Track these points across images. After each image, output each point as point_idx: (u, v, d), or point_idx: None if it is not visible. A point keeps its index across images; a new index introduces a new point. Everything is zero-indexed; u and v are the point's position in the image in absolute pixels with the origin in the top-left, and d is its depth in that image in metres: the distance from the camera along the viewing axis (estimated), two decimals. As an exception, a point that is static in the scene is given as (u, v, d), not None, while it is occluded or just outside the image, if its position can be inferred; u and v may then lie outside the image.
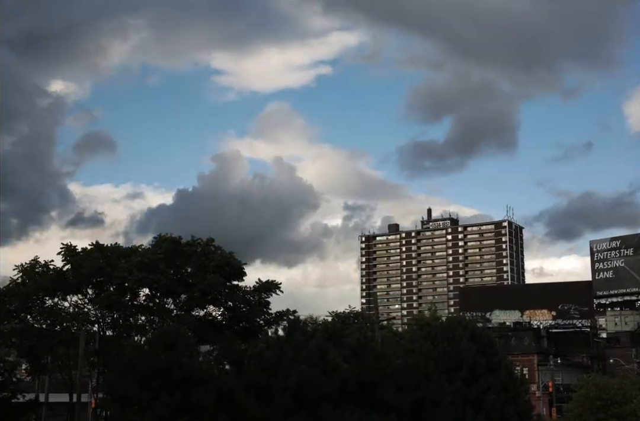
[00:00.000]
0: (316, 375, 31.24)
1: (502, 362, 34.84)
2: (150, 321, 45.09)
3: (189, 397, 29.01)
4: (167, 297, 45.33)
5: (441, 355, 34.03)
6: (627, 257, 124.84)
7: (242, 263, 46.99)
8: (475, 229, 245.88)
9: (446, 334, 35.16)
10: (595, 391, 49.77)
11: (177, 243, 45.46)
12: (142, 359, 30.22)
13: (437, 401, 32.85)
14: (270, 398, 30.56)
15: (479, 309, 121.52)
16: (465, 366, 33.59)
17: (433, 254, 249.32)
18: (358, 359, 33.33)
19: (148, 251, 44.68)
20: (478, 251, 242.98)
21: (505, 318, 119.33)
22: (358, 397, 32.31)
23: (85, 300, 44.88)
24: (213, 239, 47.08)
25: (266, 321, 47.51)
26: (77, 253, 43.75)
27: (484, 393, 32.99)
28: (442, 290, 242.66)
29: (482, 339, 35.17)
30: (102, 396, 40.28)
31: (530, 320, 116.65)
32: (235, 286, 46.70)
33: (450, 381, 33.16)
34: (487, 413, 32.52)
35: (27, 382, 55.30)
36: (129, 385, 29.37)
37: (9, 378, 41.22)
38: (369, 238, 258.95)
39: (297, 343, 32.88)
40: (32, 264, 44.13)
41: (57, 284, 42.87)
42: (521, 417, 33.47)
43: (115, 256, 44.11)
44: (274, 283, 48.11)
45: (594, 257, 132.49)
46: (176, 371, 29.40)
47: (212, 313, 46.99)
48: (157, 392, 28.73)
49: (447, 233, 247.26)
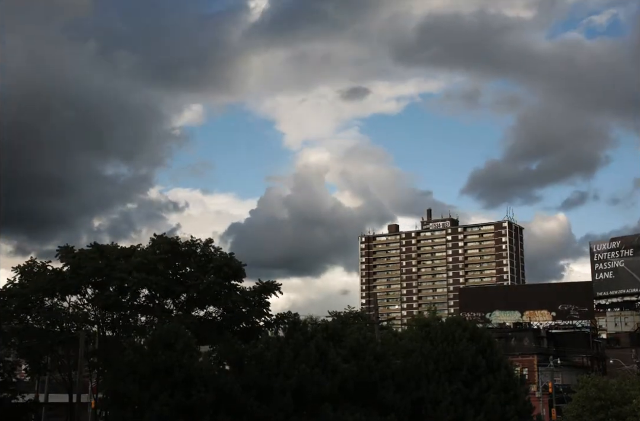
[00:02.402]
0: (316, 375, 31.23)
1: (502, 362, 34.81)
2: (150, 321, 45.01)
3: (189, 397, 28.96)
4: (166, 297, 45.24)
5: (441, 355, 34.02)
6: (627, 258, 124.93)
7: (242, 263, 46.81)
8: (475, 230, 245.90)
9: (446, 334, 35.14)
10: (594, 392, 49.77)
11: (175, 243, 45.38)
12: (142, 359, 30.18)
13: (437, 401, 32.86)
14: (271, 398, 30.55)
15: (479, 309, 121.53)
16: (465, 367, 33.58)
17: (433, 255, 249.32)
18: (358, 359, 33.31)
19: (147, 251, 44.60)
20: (478, 252, 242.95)
21: (505, 318, 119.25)
22: (358, 397, 32.31)
23: (84, 301, 44.86)
24: (212, 239, 47.01)
25: (267, 322, 47.40)
26: (75, 254, 43.70)
27: (484, 393, 32.99)
28: (442, 291, 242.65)
29: (482, 339, 35.15)
30: (102, 397, 40.20)
31: (530, 321, 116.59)
32: (234, 286, 46.55)
33: (450, 382, 33.16)
34: (487, 413, 32.53)
35: (27, 382, 55.22)
36: (129, 385, 29.34)
37: (9, 378, 41.17)
38: (369, 238, 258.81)
39: (297, 343, 32.86)
40: (30, 265, 44.10)
41: (56, 285, 42.82)
42: (521, 417, 33.45)
43: (114, 257, 44.06)
44: (274, 283, 47.97)
45: (593, 258, 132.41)
46: (176, 371, 29.38)
47: (212, 313, 46.90)
48: (157, 392, 28.70)
49: (447, 234, 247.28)
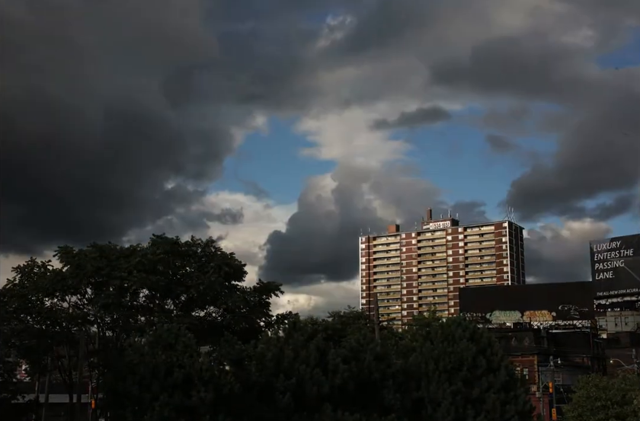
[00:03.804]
0: (316, 376, 31.19)
1: (502, 363, 34.73)
2: (150, 321, 45.05)
3: (189, 397, 28.94)
4: (166, 298, 45.24)
5: (441, 355, 33.96)
6: (627, 258, 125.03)
7: (242, 263, 46.69)
8: (476, 230, 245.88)
9: (446, 334, 35.07)
10: (595, 392, 49.72)
11: (175, 243, 45.34)
12: (142, 359, 30.14)
13: (438, 401, 32.80)
14: (271, 399, 30.51)
15: (479, 309, 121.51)
16: (465, 367, 33.52)
17: (433, 255, 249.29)
18: (358, 360, 33.28)
19: (147, 251, 44.58)
20: (478, 252, 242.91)
21: (505, 318, 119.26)
22: (358, 397, 32.27)
23: (84, 301, 44.86)
24: (214, 240, 46.96)
25: (267, 322, 47.37)
26: (75, 254, 43.69)
27: (484, 394, 32.93)
28: (442, 291, 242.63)
29: (482, 339, 35.06)
30: (101, 397, 40.24)
31: (531, 321, 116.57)
32: (234, 286, 46.52)
33: (451, 382, 33.11)
34: (487, 413, 32.46)
35: (27, 383, 55.24)
36: (129, 386, 29.29)
37: (9, 378, 41.18)
38: (370, 238, 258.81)
39: (297, 343, 32.82)
40: (29, 265, 44.09)
41: (56, 285, 42.81)
42: (522, 417, 33.38)
43: (114, 257, 44.05)
44: (275, 284, 47.92)
45: (594, 257, 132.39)
46: (176, 371, 29.35)
47: (212, 313, 46.89)
48: (157, 393, 28.66)
49: (447, 234, 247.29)
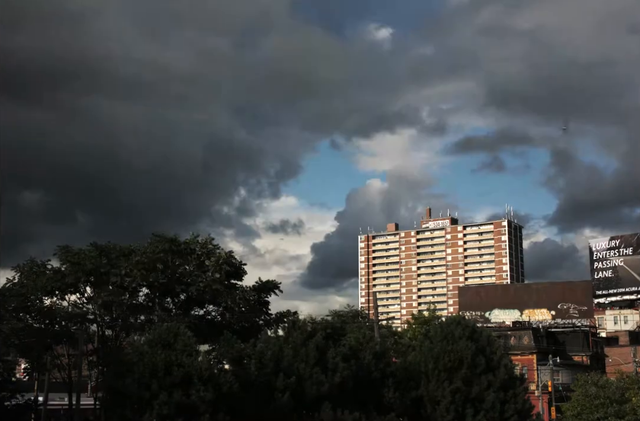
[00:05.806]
0: (315, 374, 31.19)
1: (501, 361, 34.74)
2: (149, 320, 44.98)
3: (188, 396, 28.92)
4: (166, 296, 45.17)
5: (440, 354, 33.96)
6: (626, 256, 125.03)
7: (241, 262, 46.57)
8: (475, 229, 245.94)
9: (445, 333, 35.07)
10: (594, 390, 49.74)
11: (174, 242, 45.20)
12: (142, 358, 30.12)
13: (437, 400, 32.82)
14: (270, 397, 30.51)
15: (479, 308, 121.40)
16: (464, 365, 33.52)
17: (432, 254, 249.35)
18: (357, 358, 33.29)
19: (146, 250, 44.48)
20: (477, 251, 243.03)
21: (504, 317, 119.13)
22: (358, 396, 32.26)
23: (84, 300, 44.82)
24: (213, 238, 46.78)
25: (266, 321, 47.29)
26: (74, 253, 43.66)
27: (484, 392, 32.94)
28: (441, 289, 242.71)
29: (481, 338, 35.07)
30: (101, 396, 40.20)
31: (530, 319, 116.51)
32: (233, 285, 46.42)
33: (450, 380, 33.11)
34: (486, 412, 32.48)
35: (26, 382, 55.15)
36: (128, 384, 29.27)
37: (8, 377, 41.08)
38: (369, 237, 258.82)
39: (296, 342, 32.81)
40: (29, 264, 44.04)
41: (55, 284, 42.77)
42: (521, 416, 33.40)
43: (114, 256, 44.01)
44: (274, 282, 47.86)
45: (593, 256, 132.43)
46: (176, 370, 29.32)
47: (211, 312, 46.83)
48: (157, 391, 28.64)
49: (446, 232, 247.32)
